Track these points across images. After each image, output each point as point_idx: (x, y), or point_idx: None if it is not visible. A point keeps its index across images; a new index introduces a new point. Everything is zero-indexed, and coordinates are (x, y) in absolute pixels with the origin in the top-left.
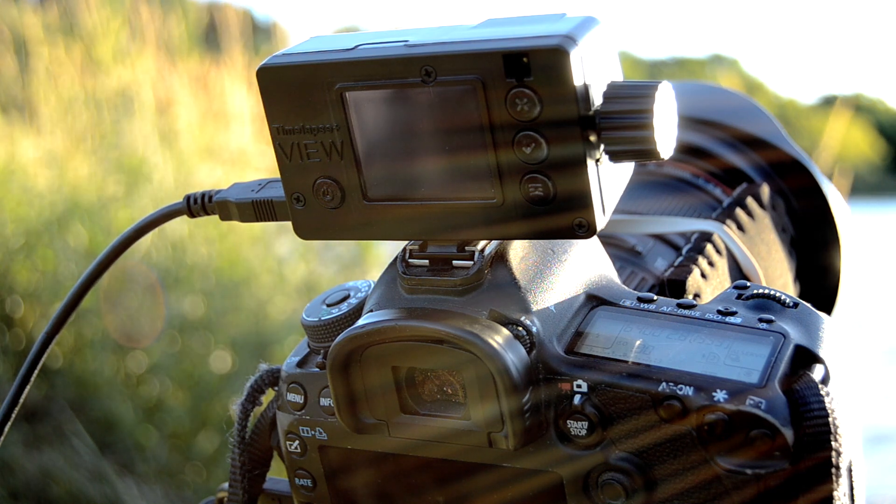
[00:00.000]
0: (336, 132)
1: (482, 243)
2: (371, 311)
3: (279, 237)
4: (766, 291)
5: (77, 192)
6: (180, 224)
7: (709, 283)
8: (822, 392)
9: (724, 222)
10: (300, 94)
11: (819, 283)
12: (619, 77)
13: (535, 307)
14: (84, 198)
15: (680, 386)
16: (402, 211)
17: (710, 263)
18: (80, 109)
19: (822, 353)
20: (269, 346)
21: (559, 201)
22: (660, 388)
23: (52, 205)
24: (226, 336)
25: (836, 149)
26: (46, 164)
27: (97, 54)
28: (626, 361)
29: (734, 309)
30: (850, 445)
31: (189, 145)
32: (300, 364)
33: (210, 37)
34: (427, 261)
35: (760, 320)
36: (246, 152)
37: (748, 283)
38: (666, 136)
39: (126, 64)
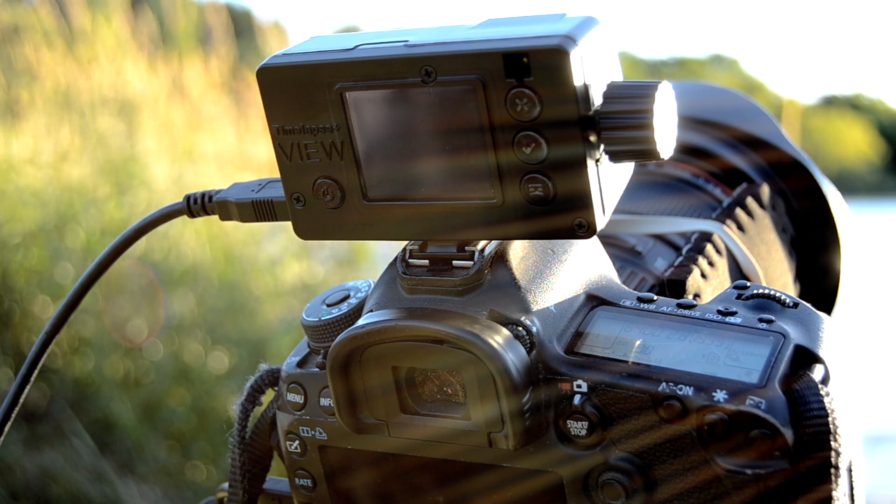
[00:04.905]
0: (336, 132)
1: (482, 243)
2: (371, 311)
3: (272, 237)
4: (766, 291)
5: (72, 192)
6: (174, 224)
7: (709, 283)
8: (822, 392)
9: (724, 222)
10: (300, 94)
11: (819, 283)
12: (619, 77)
13: (535, 307)
14: (79, 198)
15: (680, 386)
16: (402, 211)
17: (710, 263)
18: (72, 110)
19: (822, 353)
20: (264, 345)
21: (559, 201)
22: (660, 389)
23: (47, 205)
24: (221, 336)
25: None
26: (41, 165)
27: (88, 54)
28: (626, 361)
29: (734, 309)
30: (849, 445)
31: (180, 146)
32: (300, 364)
33: (206, 36)
34: (427, 261)
35: (760, 320)
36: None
37: (748, 283)
38: (666, 136)
39: (118, 64)
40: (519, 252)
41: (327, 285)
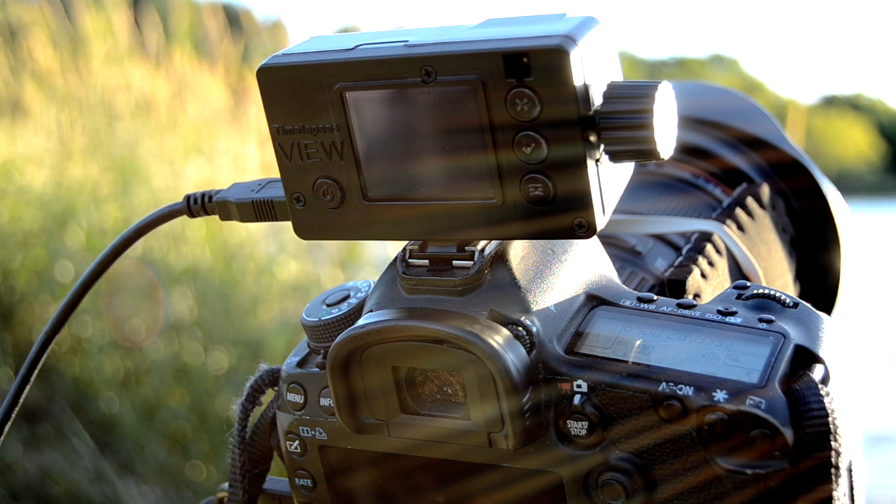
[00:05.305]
0: (336, 132)
1: (482, 243)
2: (371, 311)
3: (270, 237)
4: (766, 291)
5: (72, 192)
6: (173, 224)
7: (709, 283)
8: (822, 392)
9: (724, 222)
10: (300, 94)
11: (819, 283)
12: (619, 77)
13: (535, 307)
14: (80, 198)
15: (680, 386)
16: (402, 211)
17: (710, 263)
18: (74, 109)
19: (822, 353)
20: (260, 346)
21: (559, 201)
22: (660, 389)
23: (48, 204)
24: (220, 335)
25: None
26: (42, 164)
27: (91, 53)
28: (627, 361)
29: (734, 309)
30: (850, 445)
31: (181, 145)
32: (300, 364)
33: (206, 36)
34: (427, 261)
35: (760, 320)
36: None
37: (748, 283)
38: (666, 136)
39: (120, 64)
40: (519, 252)
41: (324, 285)
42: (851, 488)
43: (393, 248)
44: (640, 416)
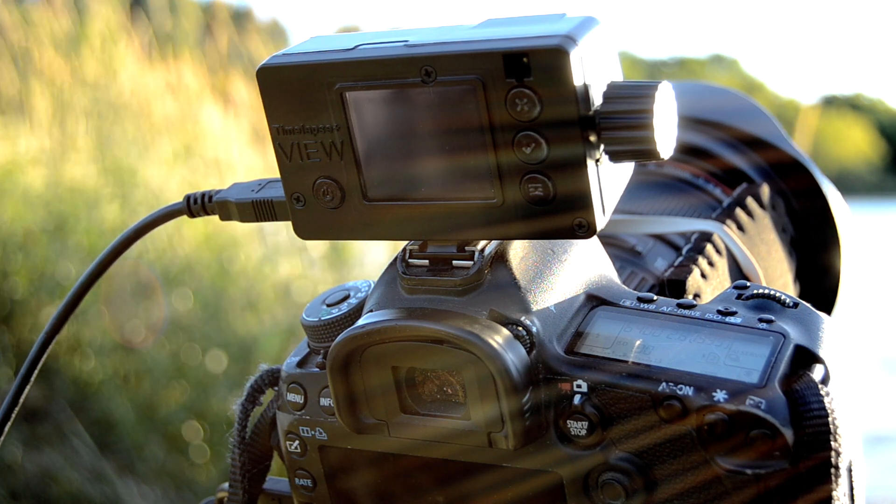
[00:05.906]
0: (336, 132)
1: (482, 243)
2: (371, 311)
3: (265, 237)
4: (766, 291)
5: (72, 192)
6: (169, 224)
7: (709, 283)
8: (821, 392)
9: (724, 222)
10: (300, 94)
11: (819, 283)
12: (619, 77)
13: (535, 307)
14: (80, 198)
15: (680, 386)
16: (402, 211)
17: (710, 263)
18: (74, 110)
19: (822, 353)
20: (255, 347)
21: (559, 201)
22: (660, 389)
23: (49, 205)
24: (217, 336)
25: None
26: (42, 165)
27: (90, 54)
28: (626, 361)
29: (734, 309)
30: (849, 445)
31: (181, 146)
32: (300, 364)
33: (204, 36)
34: (427, 261)
35: (760, 320)
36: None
37: (748, 283)
38: (666, 136)
39: (118, 64)
40: (519, 252)
41: (319, 286)
42: (851, 488)
43: (378, 247)
44: (640, 416)
